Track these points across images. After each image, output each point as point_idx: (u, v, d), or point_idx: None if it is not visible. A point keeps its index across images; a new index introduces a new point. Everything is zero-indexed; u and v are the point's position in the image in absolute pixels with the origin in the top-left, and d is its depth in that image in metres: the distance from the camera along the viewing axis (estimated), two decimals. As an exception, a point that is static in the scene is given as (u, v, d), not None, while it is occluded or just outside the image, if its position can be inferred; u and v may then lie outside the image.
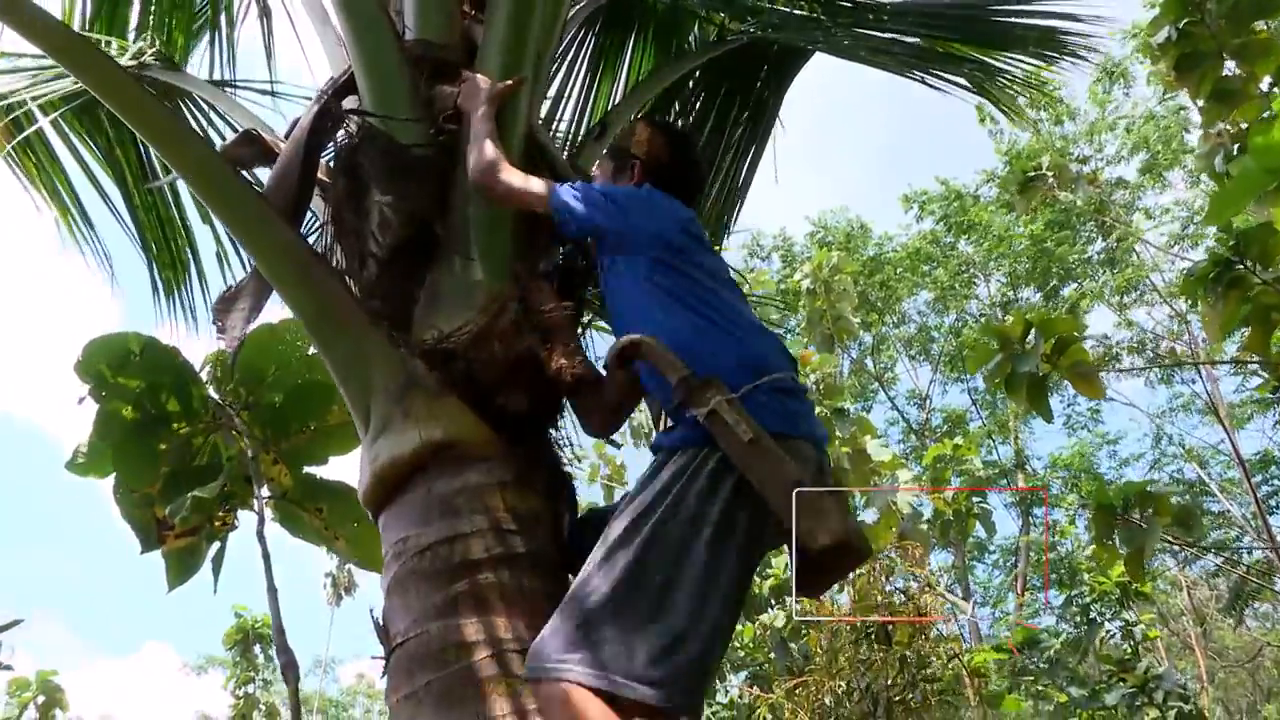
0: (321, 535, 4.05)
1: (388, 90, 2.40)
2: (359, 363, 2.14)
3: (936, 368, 18.55)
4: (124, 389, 3.92)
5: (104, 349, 3.98)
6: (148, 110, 2.25)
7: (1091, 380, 6.70)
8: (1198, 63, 6.68)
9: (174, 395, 3.95)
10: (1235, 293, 6.19)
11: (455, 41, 2.61)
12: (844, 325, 11.69)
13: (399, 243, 2.23)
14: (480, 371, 2.06)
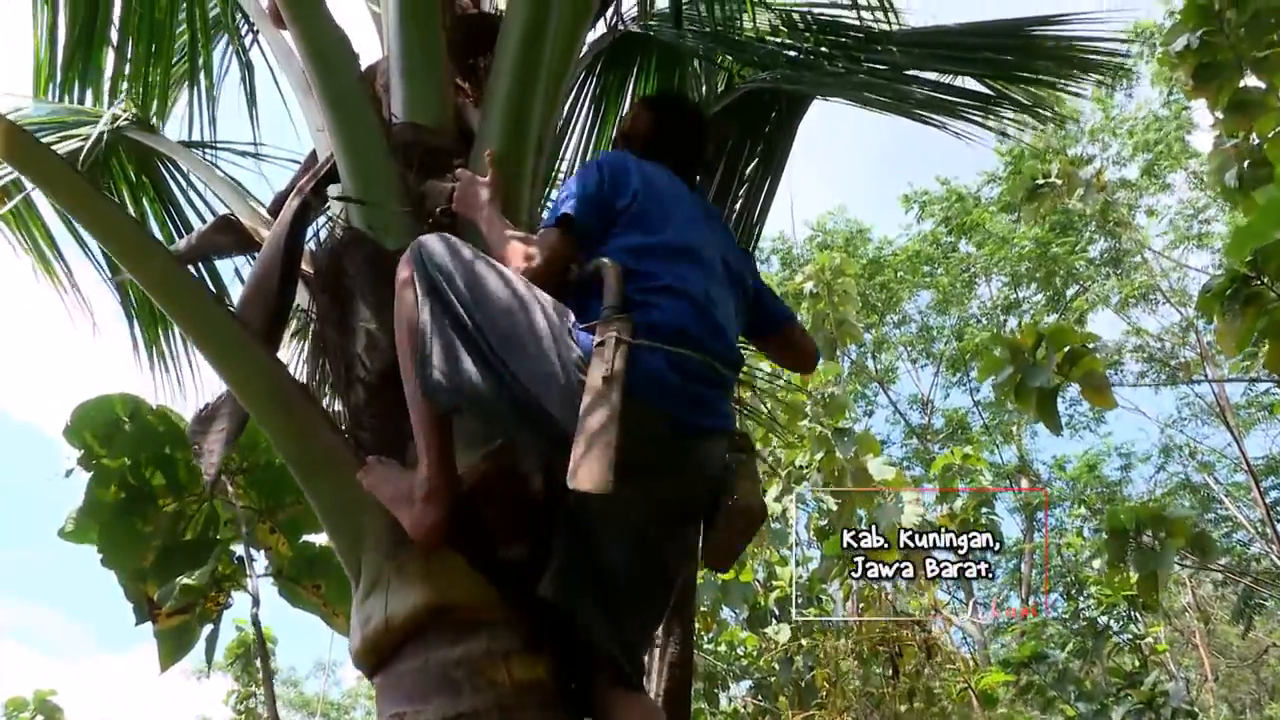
0: (321, 611, 3.89)
1: (373, 187, 2.19)
2: (347, 508, 1.94)
3: (938, 370, 18.40)
4: (109, 469, 3.76)
5: (91, 416, 3.82)
6: (108, 220, 2.05)
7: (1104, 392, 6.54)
8: (1216, 73, 6.48)
9: (161, 470, 3.79)
10: (1252, 309, 6.02)
11: (447, 125, 2.39)
12: (847, 329, 11.50)
13: (388, 368, 2.02)
14: (483, 521, 1.85)
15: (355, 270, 2.09)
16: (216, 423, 2.20)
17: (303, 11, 2.31)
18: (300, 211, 2.26)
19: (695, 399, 1.83)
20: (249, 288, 2.23)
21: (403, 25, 2.48)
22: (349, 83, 2.26)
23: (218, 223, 2.65)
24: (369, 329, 2.04)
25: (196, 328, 2.03)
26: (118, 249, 2.05)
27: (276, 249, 2.22)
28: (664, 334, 1.81)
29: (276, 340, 2.19)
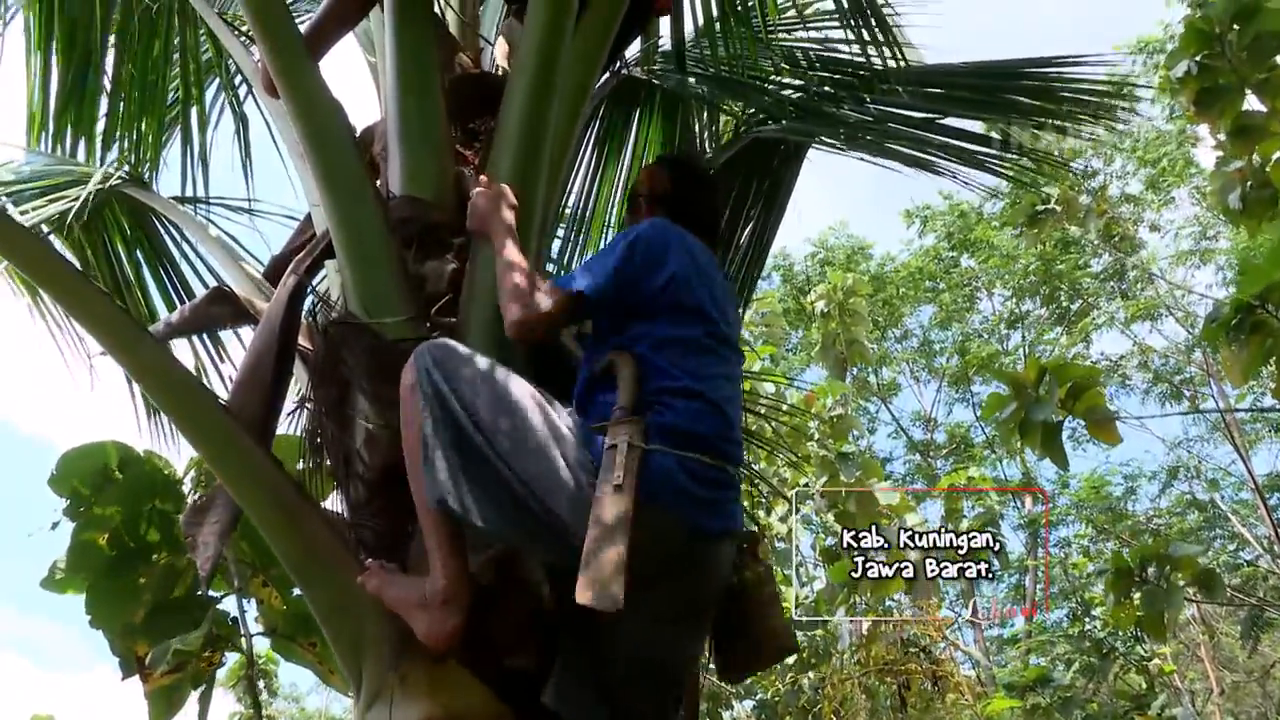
0: (317, 669, 3.80)
1: (371, 270, 2.12)
2: (348, 613, 1.86)
3: (940, 385, 18.32)
4: (100, 519, 3.68)
5: (80, 464, 3.73)
6: (96, 309, 1.98)
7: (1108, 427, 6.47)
8: (1218, 97, 6.44)
9: (152, 525, 3.71)
10: (1258, 337, 5.96)
11: (447, 197, 2.32)
12: (858, 349, 11.43)
13: (387, 464, 1.95)
14: (489, 629, 1.78)
15: (353, 360, 2.02)
16: (211, 514, 2.12)
17: (295, 82, 2.24)
18: (296, 292, 2.18)
19: (708, 503, 1.79)
20: (243, 371, 2.16)
21: (400, 90, 2.42)
22: (345, 158, 2.19)
23: (212, 294, 2.57)
24: (368, 428, 1.97)
25: (187, 422, 1.96)
26: (107, 339, 1.98)
27: (271, 332, 2.15)
28: (678, 438, 1.76)
29: (271, 429, 2.12)
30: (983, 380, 17.48)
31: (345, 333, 2.05)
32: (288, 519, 1.90)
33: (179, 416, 1.98)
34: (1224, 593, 8.35)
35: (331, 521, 1.96)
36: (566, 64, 2.27)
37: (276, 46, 2.24)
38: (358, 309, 2.09)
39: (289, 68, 2.24)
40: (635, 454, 1.69)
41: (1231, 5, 6.27)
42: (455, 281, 2.16)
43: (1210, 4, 6.46)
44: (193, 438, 2.00)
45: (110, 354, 2.00)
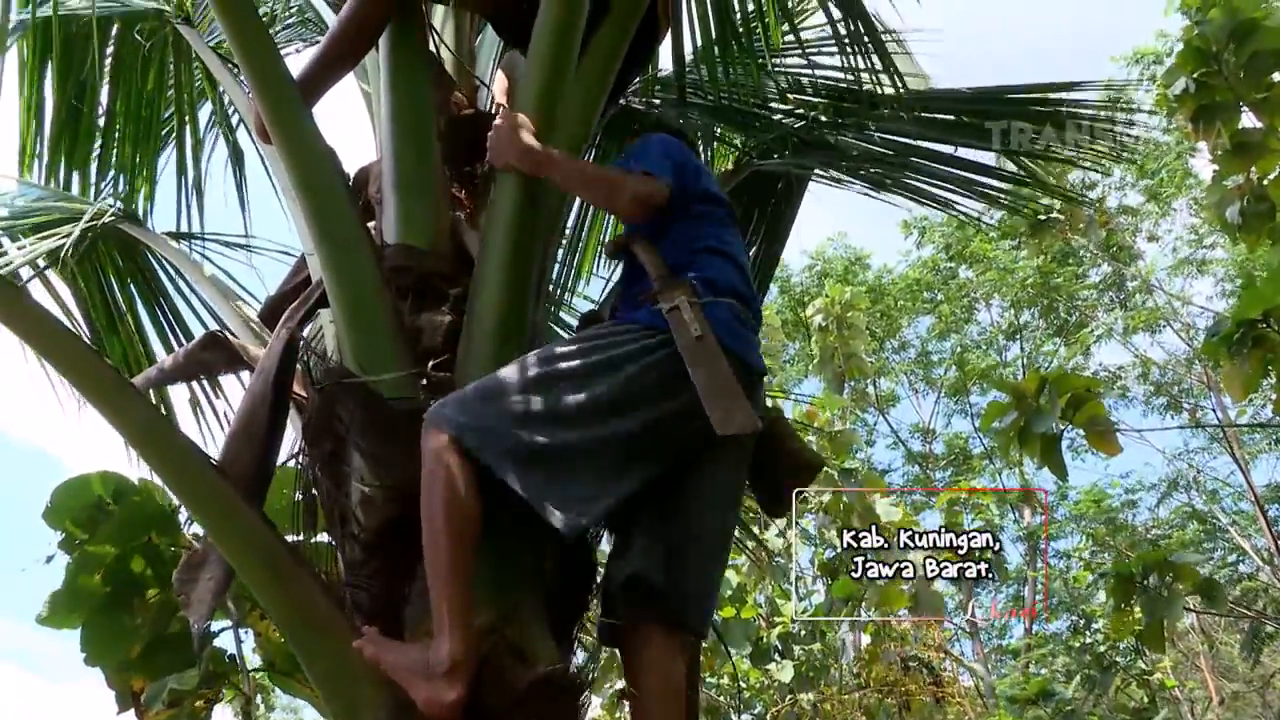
0: (315, 702, 3.76)
1: (365, 322, 2.08)
2: (344, 678, 1.82)
3: (939, 396, 18.29)
4: (94, 556, 3.64)
5: (74, 497, 3.69)
6: (85, 365, 1.94)
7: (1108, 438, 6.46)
8: (1215, 115, 6.43)
9: (147, 560, 3.67)
10: (1258, 352, 5.96)
11: (442, 245, 2.28)
12: (856, 363, 11.42)
13: (383, 525, 1.92)
14: (487, 699, 1.74)
15: (348, 417, 1.98)
16: (205, 569, 2.09)
17: (287, 128, 2.20)
18: (290, 344, 2.15)
19: (753, 344, 2.03)
20: (237, 424, 2.13)
21: (394, 136, 2.39)
22: (338, 207, 2.15)
23: (205, 339, 2.54)
24: (363, 490, 1.93)
25: (177, 482, 1.93)
26: (95, 397, 1.94)
27: (265, 384, 2.11)
28: (720, 289, 1.98)
29: (264, 485, 2.08)
30: (981, 391, 17.47)
31: (340, 389, 2.01)
32: (281, 583, 1.86)
33: (168, 476, 1.94)
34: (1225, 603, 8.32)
35: (327, 586, 1.92)
36: (568, 105, 2.23)
37: (268, 92, 2.20)
38: (352, 364, 2.05)
39: (281, 113, 2.20)
40: (697, 307, 1.88)
41: (1229, 24, 6.27)
42: (451, 335, 2.12)
43: (1208, 22, 6.46)
44: (183, 498, 1.97)
45: (101, 413, 1.96)
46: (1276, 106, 6.13)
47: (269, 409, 2.10)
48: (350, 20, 2.46)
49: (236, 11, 2.19)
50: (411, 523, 1.90)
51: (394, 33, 2.48)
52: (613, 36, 2.40)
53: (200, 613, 2.05)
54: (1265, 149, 6.23)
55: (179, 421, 3.92)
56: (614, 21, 2.40)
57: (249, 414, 2.11)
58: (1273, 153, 6.20)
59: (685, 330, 1.84)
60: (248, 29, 2.21)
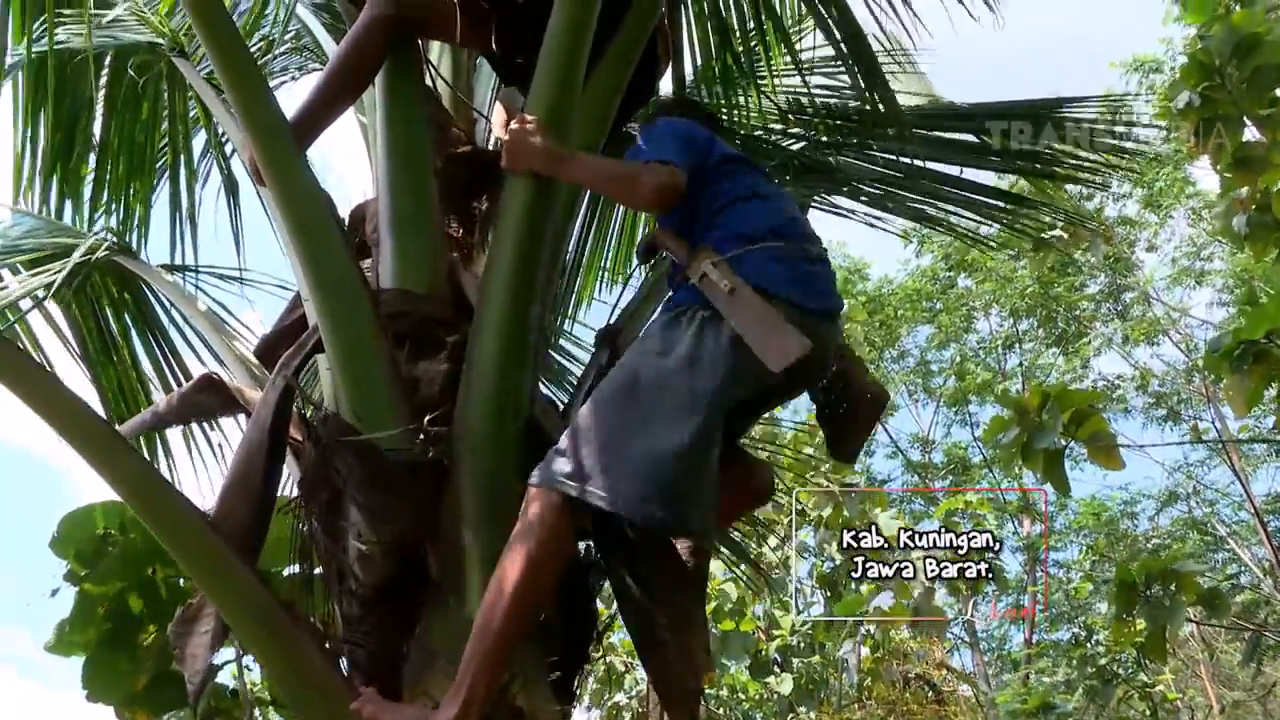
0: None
1: (362, 371, 2.04)
2: (340, 739, 1.79)
3: (938, 405, 18.25)
4: (94, 595, 3.61)
5: (79, 529, 3.66)
6: (74, 417, 1.90)
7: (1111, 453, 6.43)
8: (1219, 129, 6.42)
9: (148, 595, 3.64)
10: (1260, 368, 5.94)
11: (440, 289, 2.25)
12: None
13: (381, 582, 1.88)
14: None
15: (345, 471, 1.94)
16: (201, 623, 2.04)
17: (281, 171, 2.16)
18: (285, 394, 2.11)
19: (808, 281, 1.98)
20: (232, 474, 2.09)
21: (391, 173, 2.36)
22: (333, 253, 2.11)
23: (199, 382, 2.50)
24: (360, 548, 1.89)
25: (171, 540, 1.89)
26: (86, 449, 1.90)
27: (261, 433, 2.07)
28: (756, 236, 1.97)
29: (260, 538, 2.04)
30: (980, 400, 17.43)
31: (336, 439, 1.97)
32: (276, 642, 1.82)
33: (161, 532, 1.90)
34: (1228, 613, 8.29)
35: (324, 645, 1.88)
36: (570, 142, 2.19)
37: (262, 135, 2.16)
38: (349, 415, 2.01)
39: (274, 156, 2.16)
40: (724, 264, 1.88)
41: (1232, 38, 6.25)
42: (449, 384, 2.08)
43: (1211, 37, 6.44)
44: (177, 555, 1.92)
45: (93, 466, 1.92)
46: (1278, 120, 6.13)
47: (265, 459, 2.06)
48: (347, 59, 2.42)
49: (229, 53, 2.15)
50: (410, 579, 1.86)
51: (390, 68, 2.44)
52: (612, 74, 2.38)
53: (195, 667, 2.01)
54: (1269, 163, 6.22)
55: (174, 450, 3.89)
56: (613, 60, 2.38)
57: (244, 464, 2.07)
58: (1276, 167, 6.19)
59: (717, 291, 1.86)
60: (240, 71, 2.17)
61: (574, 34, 2.11)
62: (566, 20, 2.14)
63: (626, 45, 2.39)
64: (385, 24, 2.41)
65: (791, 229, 2.05)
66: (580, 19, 2.14)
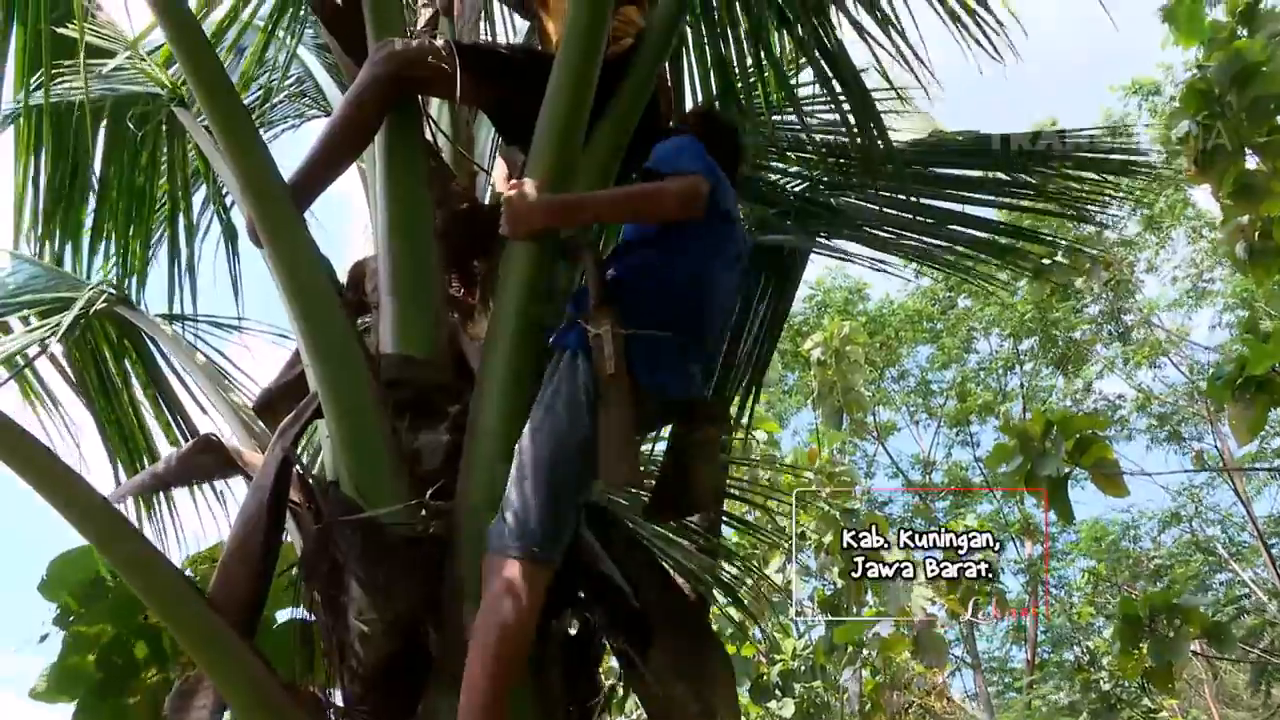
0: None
1: (362, 450, 2.01)
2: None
3: (938, 426, 18.20)
4: (89, 637, 3.56)
5: (70, 572, 3.60)
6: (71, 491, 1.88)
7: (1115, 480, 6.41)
8: (1219, 158, 6.43)
9: (143, 639, 3.59)
10: (1264, 396, 5.92)
11: (440, 355, 2.23)
12: (855, 398, 11.32)
13: (382, 661, 1.85)
14: None
15: (346, 546, 1.91)
16: (199, 698, 2.01)
17: (279, 236, 2.14)
18: (285, 462, 2.09)
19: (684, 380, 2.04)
20: (231, 546, 2.06)
21: (391, 236, 2.33)
22: (331, 319, 2.09)
23: (198, 443, 2.48)
24: (361, 627, 1.86)
25: (168, 615, 1.87)
26: (82, 523, 1.89)
27: (261, 503, 2.05)
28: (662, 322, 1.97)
29: (259, 609, 2.01)
30: (980, 420, 17.40)
31: (336, 516, 1.94)
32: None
33: (157, 607, 1.88)
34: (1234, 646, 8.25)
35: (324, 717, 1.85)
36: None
37: (259, 199, 2.15)
38: (349, 488, 1.99)
39: (273, 222, 2.15)
40: (619, 338, 1.88)
41: (1230, 68, 6.27)
42: (451, 455, 2.06)
43: (1210, 66, 6.45)
44: (174, 630, 1.90)
45: (82, 535, 1.90)
46: (1279, 150, 6.14)
47: (264, 532, 2.04)
48: (347, 119, 2.40)
49: (228, 119, 2.15)
50: (411, 657, 1.84)
51: (390, 127, 2.42)
52: (613, 134, 2.37)
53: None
54: (1270, 191, 6.23)
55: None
56: (613, 120, 2.36)
57: (243, 536, 2.04)
58: (1277, 195, 6.20)
59: (601, 362, 1.87)
60: (238, 135, 2.16)
61: (574, 94, 2.11)
62: (566, 80, 2.14)
63: (628, 104, 2.38)
64: (386, 83, 2.39)
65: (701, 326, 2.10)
66: (580, 78, 2.14)
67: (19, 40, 3.01)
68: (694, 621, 2.22)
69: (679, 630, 2.06)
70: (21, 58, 2.98)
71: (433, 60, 2.40)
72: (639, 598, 2.04)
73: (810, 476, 9.85)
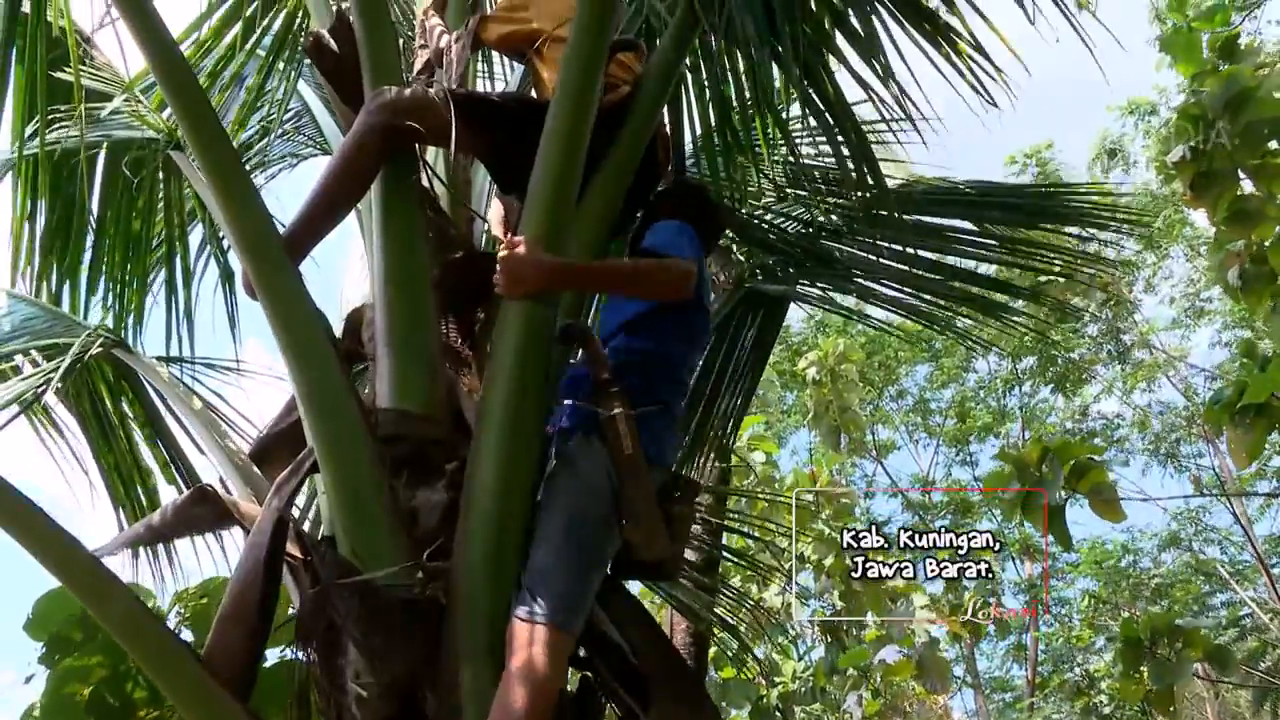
0: None
1: (359, 512, 2.00)
2: None
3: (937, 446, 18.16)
4: (80, 671, 3.52)
5: (59, 608, 3.57)
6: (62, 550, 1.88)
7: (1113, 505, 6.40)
8: (1214, 183, 6.45)
9: (136, 680, 3.55)
10: (1262, 420, 5.92)
11: (438, 410, 2.22)
12: (850, 417, 11.30)
13: (380, 724, 1.84)
14: None
15: (344, 609, 1.90)
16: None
17: (274, 290, 2.14)
18: (280, 521, 2.08)
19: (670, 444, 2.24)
20: (227, 606, 2.05)
21: (388, 287, 2.33)
22: (328, 375, 2.08)
23: (194, 494, 2.47)
24: (359, 690, 1.85)
25: (162, 678, 1.86)
26: (74, 584, 1.88)
27: (256, 564, 2.03)
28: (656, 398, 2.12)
29: (254, 670, 2.00)
30: (979, 439, 17.38)
31: (333, 579, 1.93)
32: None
33: (152, 669, 1.87)
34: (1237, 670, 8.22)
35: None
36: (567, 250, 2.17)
37: (254, 254, 2.15)
38: (346, 551, 1.98)
39: (267, 276, 2.14)
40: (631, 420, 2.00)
41: (1224, 93, 6.29)
42: (448, 514, 2.05)
43: (1204, 92, 6.48)
44: (169, 693, 1.89)
45: (75, 595, 1.89)
46: (1273, 174, 6.16)
47: (260, 589, 2.02)
48: (343, 169, 2.40)
49: (224, 173, 2.15)
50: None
51: (386, 177, 2.42)
52: (610, 185, 2.37)
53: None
54: (1263, 216, 6.25)
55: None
56: (611, 167, 2.36)
57: (239, 596, 2.03)
58: (1270, 220, 6.21)
59: (619, 442, 1.98)
60: (233, 188, 2.17)
61: (565, 158, 2.10)
62: (560, 132, 2.13)
63: (625, 153, 2.38)
64: (381, 133, 2.40)
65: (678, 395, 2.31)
66: (574, 130, 2.13)
67: (17, 83, 3.01)
68: (690, 684, 2.22)
69: (677, 690, 2.05)
70: (20, 101, 2.98)
71: (428, 110, 2.40)
72: (638, 656, 2.04)
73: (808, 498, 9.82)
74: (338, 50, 2.66)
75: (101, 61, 3.48)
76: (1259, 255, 6.29)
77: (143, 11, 2.18)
